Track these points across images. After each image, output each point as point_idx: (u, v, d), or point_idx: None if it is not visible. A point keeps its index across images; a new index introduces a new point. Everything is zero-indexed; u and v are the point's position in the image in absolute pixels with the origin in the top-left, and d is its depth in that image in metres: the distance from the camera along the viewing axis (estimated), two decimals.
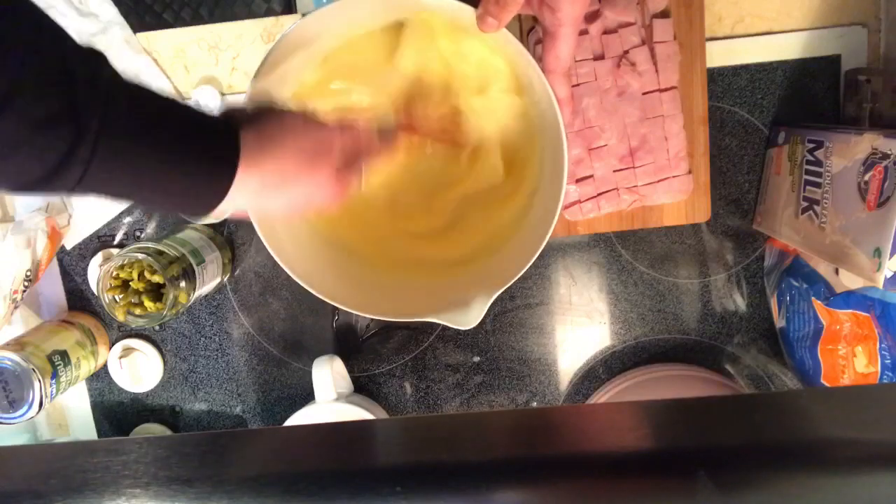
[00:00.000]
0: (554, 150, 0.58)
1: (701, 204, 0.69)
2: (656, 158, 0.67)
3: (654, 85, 0.66)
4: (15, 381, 0.66)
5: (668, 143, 0.67)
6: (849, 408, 0.34)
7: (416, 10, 0.58)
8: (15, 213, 0.74)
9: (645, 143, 0.67)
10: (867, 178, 0.53)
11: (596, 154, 0.67)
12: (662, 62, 0.65)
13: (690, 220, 0.69)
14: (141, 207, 0.73)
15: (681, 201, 0.69)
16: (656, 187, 0.68)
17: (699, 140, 0.68)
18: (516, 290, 0.73)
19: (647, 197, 0.68)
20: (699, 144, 0.68)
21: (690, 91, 0.67)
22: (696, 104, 0.67)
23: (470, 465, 0.32)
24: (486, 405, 0.75)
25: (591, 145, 0.67)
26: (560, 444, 0.33)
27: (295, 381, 0.76)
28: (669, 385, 0.68)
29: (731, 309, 0.72)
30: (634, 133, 0.67)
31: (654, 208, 0.69)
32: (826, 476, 0.30)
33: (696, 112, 0.67)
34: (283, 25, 0.69)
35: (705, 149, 0.68)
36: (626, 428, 0.33)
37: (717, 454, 0.31)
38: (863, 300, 0.58)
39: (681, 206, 0.69)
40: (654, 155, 0.67)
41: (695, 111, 0.67)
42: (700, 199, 0.69)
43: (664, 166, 0.67)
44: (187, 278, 0.66)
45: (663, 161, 0.67)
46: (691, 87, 0.67)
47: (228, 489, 0.31)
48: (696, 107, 0.67)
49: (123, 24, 0.70)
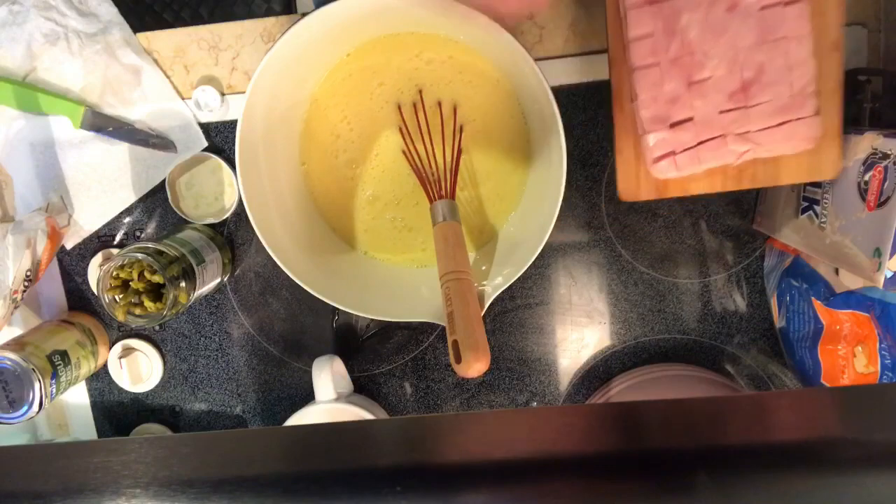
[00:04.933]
0: (550, 144, 0.58)
1: (830, 155, 0.55)
2: (777, 94, 0.53)
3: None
4: (15, 381, 0.66)
5: (792, 74, 0.53)
6: (849, 408, 0.34)
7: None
8: (15, 213, 0.74)
9: (762, 74, 0.53)
10: (867, 178, 0.53)
11: (698, 89, 0.53)
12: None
13: (814, 176, 0.56)
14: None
15: (803, 152, 0.55)
16: (775, 133, 0.54)
17: (831, 71, 0.54)
18: (516, 290, 0.73)
19: (763, 146, 0.54)
20: (830, 77, 0.54)
21: (822, 4, 0.53)
22: (829, 22, 0.53)
23: (470, 465, 0.32)
24: (486, 405, 0.75)
25: (691, 78, 0.53)
26: (560, 444, 0.33)
27: (295, 381, 0.76)
28: (669, 385, 0.68)
29: (731, 309, 0.72)
30: (749, 61, 0.53)
31: (768, 162, 0.56)
32: (826, 476, 0.30)
33: (830, 34, 0.53)
34: (283, 25, 0.69)
35: (837, 83, 0.54)
36: (625, 428, 0.33)
37: (716, 454, 0.31)
38: (863, 300, 0.58)
39: (802, 159, 0.56)
40: (773, 90, 0.53)
41: (828, 32, 0.53)
42: (829, 148, 0.55)
43: (786, 106, 0.53)
44: (187, 278, 0.66)
45: (785, 98, 0.53)
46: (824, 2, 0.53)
47: (228, 489, 0.31)
48: (830, 26, 0.53)
49: (123, 24, 0.70)
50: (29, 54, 0.70)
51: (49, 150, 0.72)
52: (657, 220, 0.70)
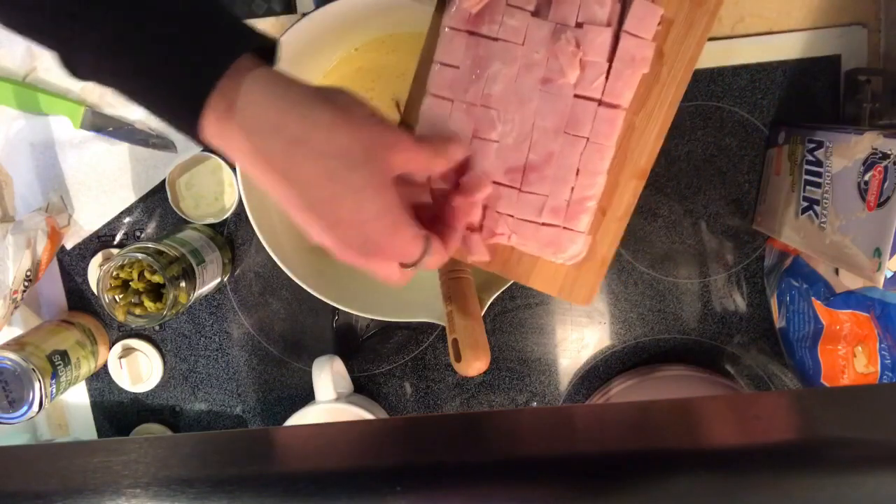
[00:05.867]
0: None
1: (587, 282, 0.50)
2: (554, 193, 0.47)
3: (594, 91, 0.46)
4: (15, 381, 0.66)
5: (579, 180, 0.47)
6: (849, 408, 0.34)
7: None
8: (15, 213, 0.74)
9: (548, 164, 0.47)
10: (867, 178, 0.53)
11: (480, 147, 0.47)
12: (621, 65, 0.45)
13: (563, 296, 0.50)
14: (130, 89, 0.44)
15: (561, 266, 0.50)
16: (537, 231, 0.48)
17: (623, 199, 0.48)
18: (516, 290, 0.73)
19: (519, 237, 0.49)
20: (620, 205, 0.48)
21: (643, 125, 0.46)
22: (642, 147, 0.47)
23: (470, 465, 0.32)
24: (486, 405, 0.75)
25: (478, 133, 0.47)
26: (560, 444, 0.33)
27: (295, 381, 0.76)
28: (669, 385, 0.68)
29: (731, 309, 0.72)
30: (541, 144, 0.47)
31: (524, 257, 0.50)
32: (826, 476, 0.30)
33: (639, 159, 0.47)
34: (283, 25, 0.69)
35: (626, 212, 0.48)
36: (625, 428, 0.34)
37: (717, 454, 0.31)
38: (863, 300, 0.58)
39: (560, 272, 0.50)
40: (553, 186, 0.47)
41: (636, 156, 0.47)
42: (589, 275, 0.49)
43: (558, 209, 0.47)
44: (187, 278, 0.66)
45: (561, 201, 0.47)
46: (647, 122, 0.46)
47: (228, 489, 0.31)
48: (643, 152, 0.47)
49: None
50: (29, 54, 0.70)
51: (49, 150, 0.72)
52: (657, 220, 0.70)
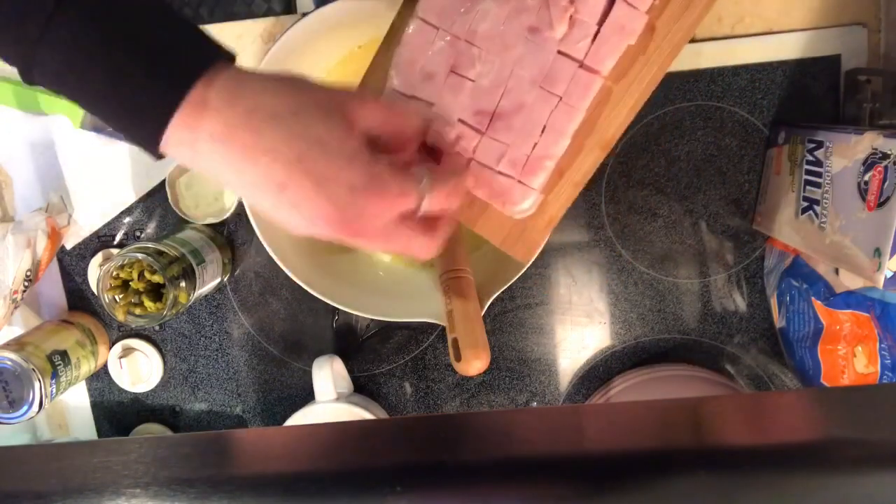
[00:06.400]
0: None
1: (529, 239, 0.50)
2: (516, 144, 0.47)
3: (578, 51, 0.46)
4: (15, 381, 0.66)
5: (543, 137, 0.47)
6: (849, 408, 0.34)
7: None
8: (15, 213, 0.74)
9: (516, 115, 0.46)
10: (867, 178, 0.53)
11: (455, 83, 0.47)
12: (609, 31, 0.45)
13: (504, 247, 0.51)
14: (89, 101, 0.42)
15: (509, 219, 0.49)
16: (491, 178, 0.48)
17: (583, 165, 0.48)
18: (516, 290, 0.73)
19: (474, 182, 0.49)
20: (579, 170, 0.48)
21: (619, 97, 0.47)
22: (613, 118, 0.47)
23: (470, 465, 0.32)
24: (486, 405, 0.75)
25: (456, 67, 0.47)
26: (560, 444, 0.33)
27: (295, 381, 0.76)
28: (669, 385, 0.68)
29: (731, 309, 0.72)
30: (515, 93, 0.46)
31: (477, 201, 0.50)
32: (826, 476, 0.30)
33: (606, 129, 0.47)
34: (283, 25, 0.69)
35: (583, 178, 0.48)
36: (625, 428, 0.34)
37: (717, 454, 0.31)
38: (863, 300, 0.58)
39: (506, 224, 0.50)
40: (516, 137, 0.47)
41: (605, 126, 0.47)
42: (532, 233, 0.49)
43: (516, 161, 0.47)
44: (187, 278, 0.66)
45: (520, 154, 0.47)
46: (623, 94, 0.47)
47: (228, 489, 0.31)
48: (611, 123, 0.47)
49: None
50: None
51: (49, 150, 0.72)
52: (657, 220, 0.70)
